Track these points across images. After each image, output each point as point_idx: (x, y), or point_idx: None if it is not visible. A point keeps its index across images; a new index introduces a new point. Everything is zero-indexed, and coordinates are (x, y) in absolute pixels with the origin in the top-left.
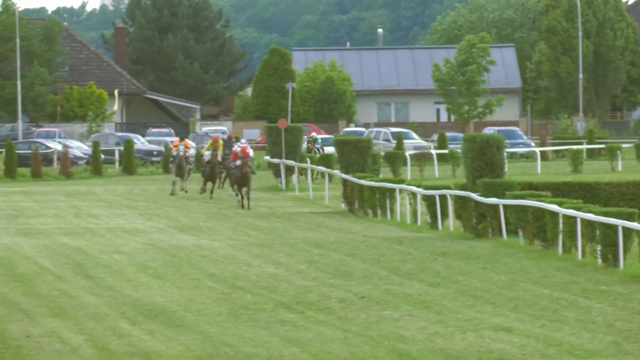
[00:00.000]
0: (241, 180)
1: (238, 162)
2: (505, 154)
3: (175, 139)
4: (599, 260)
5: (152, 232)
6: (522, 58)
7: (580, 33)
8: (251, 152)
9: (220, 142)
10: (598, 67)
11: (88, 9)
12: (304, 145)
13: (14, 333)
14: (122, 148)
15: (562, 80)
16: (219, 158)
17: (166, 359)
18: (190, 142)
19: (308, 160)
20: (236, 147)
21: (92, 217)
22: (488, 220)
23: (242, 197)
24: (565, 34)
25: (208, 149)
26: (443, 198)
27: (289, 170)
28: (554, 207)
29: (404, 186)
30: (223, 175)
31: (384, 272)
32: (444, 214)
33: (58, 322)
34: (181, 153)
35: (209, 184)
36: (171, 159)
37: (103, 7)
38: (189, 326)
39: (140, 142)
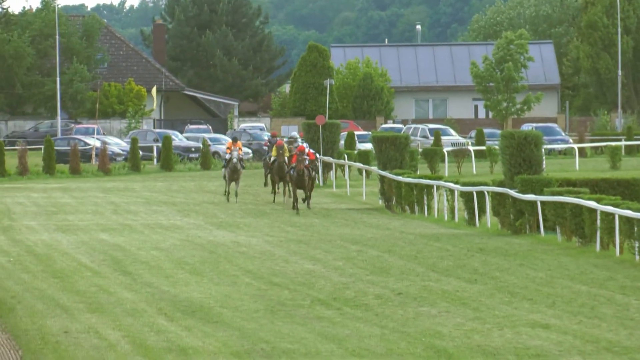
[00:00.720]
0: (297, 181)
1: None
2: (543, 150)
3: (229, 141)
4: (637, 257)
5: (189, 228)
6: (560, 54)
7: (619, 29)
8: (311, 150)
9: (286, 147)
10: (638, 64)
11: (127, 5)
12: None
13: (52, 329)
14: (160, 144)
15: (601, 76)
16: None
17: (203, 355)
18: (240, 144)
19: (345, 156)
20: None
21: (130, 213)
22: (526, 216)
23: (295, 199)
24: (605, 30)
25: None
26: (481, 194)
27: (327, 166)
28: (592, 204)
29: (441, 183)
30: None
31: (421, 268)
32: (482, 211)
33: (96, 318)
34: (234, 159)
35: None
36: (224, 162)
37: (142, 3)
38: (226, 322)
39: (179, 139)
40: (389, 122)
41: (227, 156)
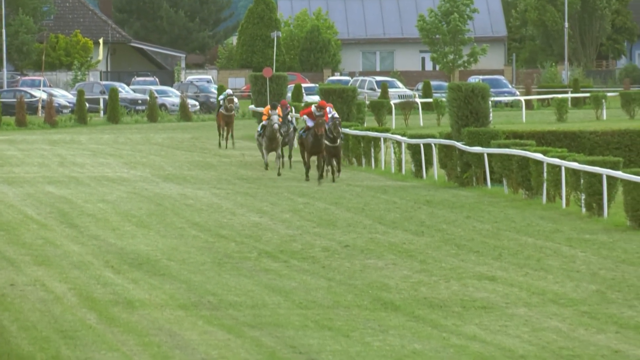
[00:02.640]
0: (313, 145)
1: (310, 123)
2: (490, 102)
3: (267, 107)
4: (583, 209)
5: (136, 180)
6: (507, 6)
7: None
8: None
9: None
10: (584, 16)
11: None
12: (222, 103)
13: None
14: (106, 97)
15: (548, 28)
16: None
17: (150, 308)
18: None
19: (293, 109)
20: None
21: (77, 165)
22: (472, 169)
23: (309, 167)
24: None
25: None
26: (428, 147)
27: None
28: (539, 156)
29: (388, 135)
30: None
31: (368, 220)
32: (429, 163)
33: (42, 271)
34: (275, 125)
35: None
36: (259, 130)
37: None
38: (173, 275)
39: (125, 91)
40: (336, 74)
41: (264, 122)
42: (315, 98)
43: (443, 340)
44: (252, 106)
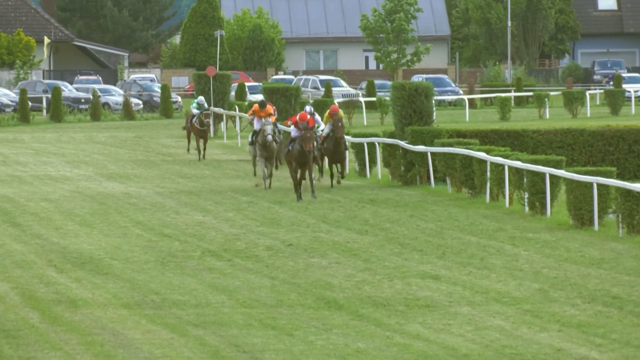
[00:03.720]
0: (299, 158)
1: (295, 133)
2: (433, 101)
3: (255, 105)
4: (526, 208)
5: (79, 179)
6: (450, 6)
7: None
8: (318, 120)
9: (341, 113)
10: (528, 14)
11: None
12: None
13: None
14: (49, 95)
15: (491, 27)
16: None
17: (93, 307)
18: (270, 109)
19: (236, 107)
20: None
21: (19, 164)
22: (416, 168)
23: (300, 182)
24: None
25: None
26: (371, 146)
27: (217, 118)
28: (482, 155)
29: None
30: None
31: (312, 219)
32: (373, 162)
33: None
34: (269, 136)
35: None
36: (251, 136)
37: None
38: (116, 274)
39: (68, 90)
40: (279, 73)
41: (256, 126)
42: (259, 97)
43: (386, 339)
44: None
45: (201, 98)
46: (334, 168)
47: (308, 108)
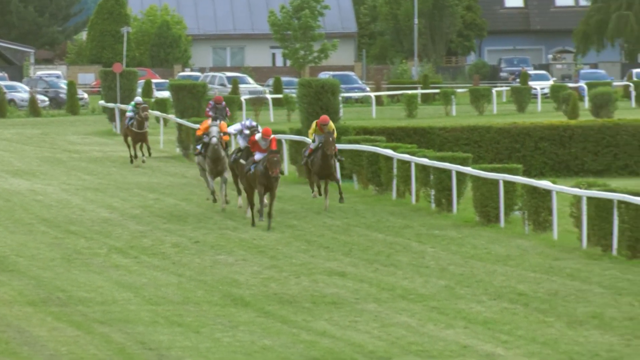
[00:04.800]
0: (264, 181)
1: (258, 156)
2: (340, 98)
3: (206, 120)
4: (433, 205)
5: None
6: (357, 3)
7: None
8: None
9: (332, 125)
10: (434, 12)
11: None
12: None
13: None
14: None
15: (399, 24)
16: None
17: None
18: (226, 127)
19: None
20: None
21: None
22: None
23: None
24: None
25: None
26: (278, 143)
27: (124, 114)
28: (389, 152)
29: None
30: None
31: (219, 217)
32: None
33: None
34: (214, 140)
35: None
36: (198, 148)
37: None
38: (22, 271)
39: None
40: (186, 70)
41: (205, 138)
42: (166, 94)
43: (293, 335)
44: (102, 102)
45: (138, 99)
46: (322, 184)
47: (248, 122)
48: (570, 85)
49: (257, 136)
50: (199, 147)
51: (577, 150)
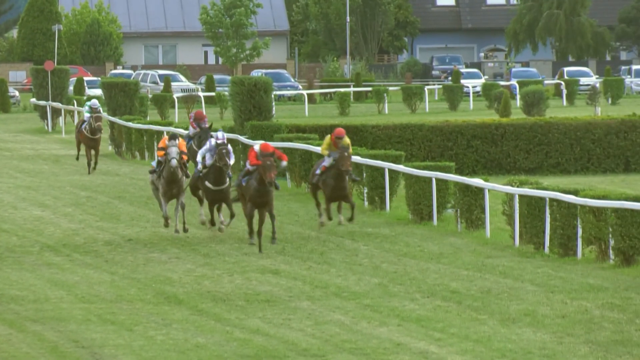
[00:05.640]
0: (256, 196)
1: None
2: (273, 96)
3: (164, 137)
4: (366, 203)
5: None
6: (289, 1)
7: None
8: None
9: (347, 140)
10: (366, 10)
11: None
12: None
13: None
14: None
15: (331, 22)
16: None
17: None
18: (184, 146)
19: (75, 102)
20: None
21: None
22: None
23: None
24: None
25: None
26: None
27: (55, 112)
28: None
29: (171, 129)
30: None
31: (152, 215)
32: None
33: None
34: (173, 162)
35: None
36: (153, 169)
37: None
38: None
39: None
40: (118, 68)
41: (160, 158)
42: (98, 92)
43: (226, 333)
44: (33, 99)
45: (94, 101)
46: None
47: (220, 134)
48: (502, 83)
49: (256, 148)
50: (154, 163)
51: (509, 148)
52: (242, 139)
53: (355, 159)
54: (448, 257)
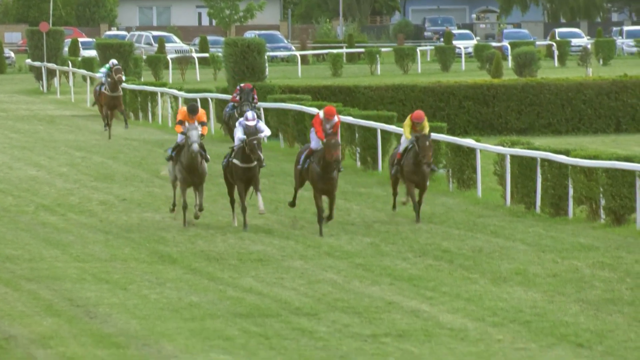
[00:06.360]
0: (320, 179)
1: (314, 144)
2: (266, 57)
3: (181, 108)
4: (358, 163)
5: None
6: None
7: None
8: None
9: (427, 124)
10: None
11: None
12: None
13: None
14: None
15: None
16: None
17: None
18: (203, 117)
19: (70, 63)
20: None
21: None
22: None
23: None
24: None
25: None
26: (205, 101)
27: (51, 73)
28: (314, 111)
29: (165, 89)
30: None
31: (146, 174)
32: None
33: None
34: (194, 145)
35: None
36: (169, 156)
37: None
38: None
39: None
40: (112, 29)
41: (179, 138)
42: (92, 53)
43: (220, 292)
44: (28, 60)
45: (113, 61)
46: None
47: (250, 114)
48: (494, 44)
49: (321, 114)
50: (169, 150)
51: (500, 109)
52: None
53: (348, 119)
54: (440, 216)
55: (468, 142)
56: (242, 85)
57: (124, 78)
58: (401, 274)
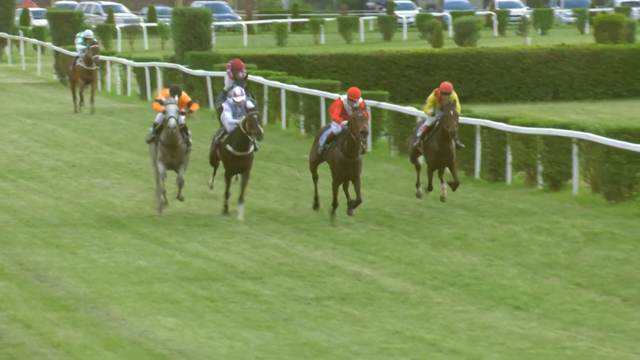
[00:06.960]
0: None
1: (335, 128)
2: (212, 27)
3: (163, 90)
4: (302, 131)
5: None
6: None
7: None
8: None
9: (455, 95)
10: None
11: None
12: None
13: None
14: None
15: None
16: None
17: None
18: (188, 98)
19: (21, 32)
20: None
21: None
22: (196, 91)
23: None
24: None
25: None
26: (152, 70)
27: (2, 42)
28: (259, 79)
29: (114, 58)
30: None
31: (95, 141)
32: (153, 85)
33: None
34: (172, 120)
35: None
36: (151, 136)
37: None
38: None
39: None
40: None
41: (158, 117)
42: (43, 22)
43: (167, 256)
44: None
45: (88, 32)
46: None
47: (238, 90)
48: (435, 14)
49: (343, 98)
50: (151, 129)
51: (441, 77)
52: (183, 68)
53: (292, 88)
54: (382, 182)
55: (409, 110)
56: (231, 62)
57: (100, 58)
58: (344, 239)
